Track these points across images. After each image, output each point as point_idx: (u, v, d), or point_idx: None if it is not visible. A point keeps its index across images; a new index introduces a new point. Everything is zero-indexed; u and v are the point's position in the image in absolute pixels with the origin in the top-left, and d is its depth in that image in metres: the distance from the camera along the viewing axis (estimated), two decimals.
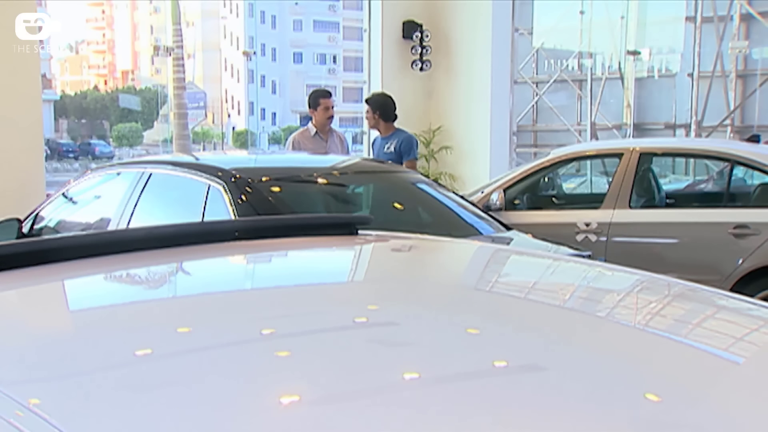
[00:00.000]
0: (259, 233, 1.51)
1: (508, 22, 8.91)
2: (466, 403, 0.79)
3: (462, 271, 1.51)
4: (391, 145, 5.89)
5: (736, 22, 14.55)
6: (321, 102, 5.92)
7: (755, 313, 1.22)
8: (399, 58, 8.86)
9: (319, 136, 5.90)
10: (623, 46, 15.74)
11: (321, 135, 5.92)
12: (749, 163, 5.31)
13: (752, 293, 4.86)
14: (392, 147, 5.87)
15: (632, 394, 0.84)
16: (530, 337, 1.04)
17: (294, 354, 0.93)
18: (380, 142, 6.01)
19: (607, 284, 1.46)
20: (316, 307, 1.13)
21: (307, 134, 5.96)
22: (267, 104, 56.57)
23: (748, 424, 0.79)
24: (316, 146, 5.82)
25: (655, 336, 1.11)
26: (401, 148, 5.87)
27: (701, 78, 13.80)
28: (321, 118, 5.89)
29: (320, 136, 5.91)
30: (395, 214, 4.61)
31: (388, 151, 5.85)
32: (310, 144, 5.84)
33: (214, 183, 3.78)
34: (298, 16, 58.97)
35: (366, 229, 1.57)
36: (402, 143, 5.90)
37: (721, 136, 13.33)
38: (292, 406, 0.80)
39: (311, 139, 5.89)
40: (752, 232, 4.88)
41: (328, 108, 5.93)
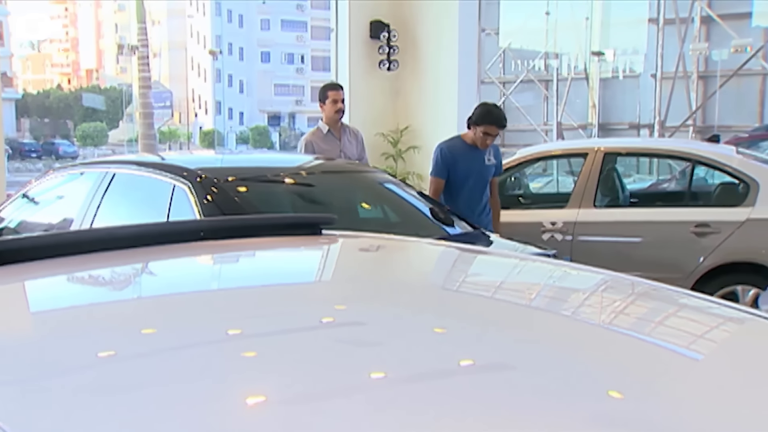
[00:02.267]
0: (223, 233, 1.50)
1: (475, 22, 8.97)
2: (433, 402, 0.79)
3: (426, 270, 1.51)
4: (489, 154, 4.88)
5: (697, 25, 14.83)
6: (329, 95, 5.46)
7: (715, 311, 1.25)
8: (366, 57, 8.85)
9: (332, 135, 5.45)
10: (588, 47, 15.94)
11: (333, 133, 5.47)
12: (710, 163, 5.41)
13: (713, 290, 4.96)
14: (492, 157, 4.91)
15: (596, 391, 0.85)
16: (496, 336, 1.05)
17: (260, 355, 0.92)
18: (474, 154, 4.84)
19: (571, 283, 1.48)
20: (281, 307, 1.13)
21: (319, 134, 5.47)
22: (234, 104, 56.18)
23: (707, 419, 0.81)
24: (330, 146, 5.37)
25: (619, 334, 1.12)
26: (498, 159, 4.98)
27: (664, 79, 14.04)
28: (329, 113, 5.43)
29: (333, 134, 5.46)
30: (363, 214, 4.61)
31: (489, 163, 4.87)
32: (324, 144, 5.37)
33: (179, 183, 3.75)
34: (265, 16, 58.67)
35: (330, 229, 1.57)
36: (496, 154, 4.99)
37: (683, 136, 13.57)
38: (260, 407, 0.80)
39: (324, 138, 5.42)
40: (713, 231, 4.98)
41: (336, 101, 5.43)
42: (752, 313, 1.22)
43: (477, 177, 4.81)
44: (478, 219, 4.71)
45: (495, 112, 4.77)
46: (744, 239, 4.88)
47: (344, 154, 5.39)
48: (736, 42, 12.57)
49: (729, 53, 13.78)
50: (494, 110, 4.80)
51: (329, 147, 5.34)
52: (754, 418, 0.81)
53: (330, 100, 5.42)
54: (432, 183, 4.88)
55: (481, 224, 4.70)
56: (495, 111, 4.80)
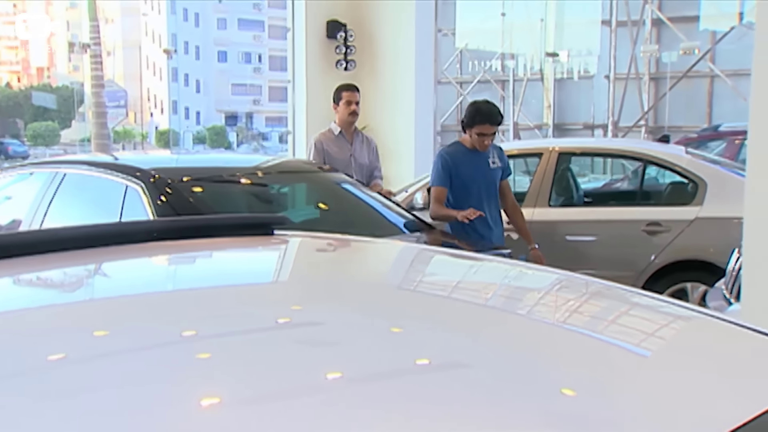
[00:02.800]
0: (174, 234, 1.48)
1: (431, 22, 9.01)
2: (389, 401, 0.80)
3: (378, 270, 1.51)
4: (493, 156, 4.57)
5: (648, 27, 15.13)
6: (343, 95, 5.18)
7: (663, 309, 1.27)
8: (323, 57, 8.83)
9: (344, 137, 5.18)
10: (543, 48, 16.14)
11: (345, 135, 5.19)
12: (660, 163, 5.52)
13: (664, 287, 5.07)
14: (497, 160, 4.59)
15: (550, 389, 0.86)
16: (450, 335, 1.05)
17: (215, 356, 0.91)
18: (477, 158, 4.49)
19: (525, 283, 1.49)
20: (233, 308, 1.12)
21: (330, 135, 5.21)
22: (191, 103, 55.51)
23: (656, 414, 0.82)
24: (340, 148, 5.15)
25: (572, 332, 1.14)
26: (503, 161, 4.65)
27: (617, 80, 14.28)
28: (343, 115, 5.15)
29: (344, 136, 5.19)
30: (319, 214, 4.60)
31: (494, 167, 4.56)
32: (334, 146, 5.15)
33: (131, 183, 3.70)
34: (222, 14, 58.07)
35: (282, 229, 1.56)
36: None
37: (636, 136, 13.82)
38: (214, 409, 0.79)
39: (335, 140, 5.18)
40: (664, 229, 5.08)
41: (351, 102, 5.14)
42: (698, 311, 1.25)
43: (483, 183, 4.47)
44: (489, 231, 4.44)
45: (485, 108, 4.41)
46: (693, 237, 5.00)
47: (354, 160, 5.15)
48: (684, 45, 12.86)
49: (678, 55, 14.09)
50: (484, 107, 4.44)
51: (339, 150, 5.13)
52: (698, 413, 0.83)
53: (344, 102, 5.15)
54: (433, 193, 4.49)
55: (492, 237, 4.42)
56: (485, 108, 4.42)
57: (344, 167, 5.00)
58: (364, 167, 5.21)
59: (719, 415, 0.81)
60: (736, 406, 0.83)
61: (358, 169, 5.15)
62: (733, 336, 1.12)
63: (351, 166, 5.11)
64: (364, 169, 5.22)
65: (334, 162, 5.02)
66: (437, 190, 4.45)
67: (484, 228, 4.40)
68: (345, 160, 5.10)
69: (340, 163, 5.03)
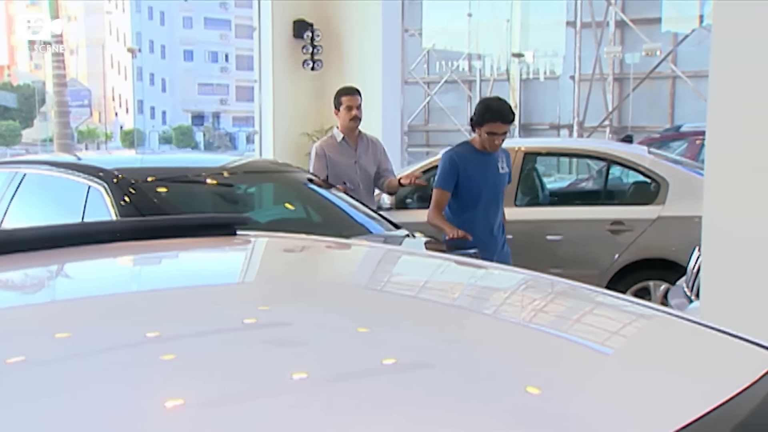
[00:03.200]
0: (134, 234, 1.47)
1: (398, 22, 9.03)
2: (354, 401, 0.80)
3: (343, 270, 1.51)
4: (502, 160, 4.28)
5: (612, 28, 15.33)
6: (343, 100, 4.90)
7: (626, 308, 1.29)
8: (290, 57, 8.80)
9: (347, 143, 4.91)
10: (509, 49, 16.25)
11: (349, 142, 4.91)
12: (623, 163, 5.60)
13: (628, 286, 5.14)
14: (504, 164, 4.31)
15: (515, 387, 0.87)
16: (416, 335, 1.06)
17: (178, 357, 0.91)
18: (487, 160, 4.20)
19: (491, 283, 1.50)
20: (191, 309, 1.11)
21: (332, 142, 4.94)
22: (157, 103, 54.92)
23: (618, 410, 0.84)
24: (344, 157, 4.88)
25: (536, 331, 1.15)
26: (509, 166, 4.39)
27: (582, 81, 14.43)
28: (344, 121, 4.88)
29: (348, 142, 4.91)
30: (285, 214, 4.58)
31: (503, 172, 4.28)
32: (337, 153, 4.87)
33: (94, 184, 3.65)
34: (187, 13, 57.53)
35: (245, 230, 1.55)
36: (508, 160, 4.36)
37: (601, 136, 13.98)
38: (178, 410, 0.78)
39: (337, 147, 4.90)
40: (627, 228, 5.15)
41: (351, 108, 4.85)
42: (659, 309, 1.27)
43: (491, 189, 4.16)
44: (492, 239, 4.16)
45: (495, 105, 4.09)
46: (655, 236, 5.08)
47: (359, 166, 4.90)
48: (647, 46, 13.05)
49: (641, 56, 14.31)
50: (494, 104, 4.12)
51: (343, 158, 4.87)
52: (652, 410, 0.85)
53: (344, 107, 4.87)
54: (434, 195, 4.21)
55: (495, 246, 4.16)
56: (495, 105, 4.11)
57: (349, 175, 4.82)
58: (370, 173, 4.95)
59: (673, 411, 0.83)
60: (690, 403, 0.85)
61: (363, 176, 4.91)
62: (690, 334, 1.15)
63: (356, 173, 4.87)
64: (371, 175, 4.96)
65: (338, 169, 4.81)
66: (439, 194, 4.18)
67: (487, 236, 4.13)
68: (349, 168, 4.87)
69: (344, 170, 4.83)
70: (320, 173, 4.80)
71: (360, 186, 4.82)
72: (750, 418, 0.85)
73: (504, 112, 4.04)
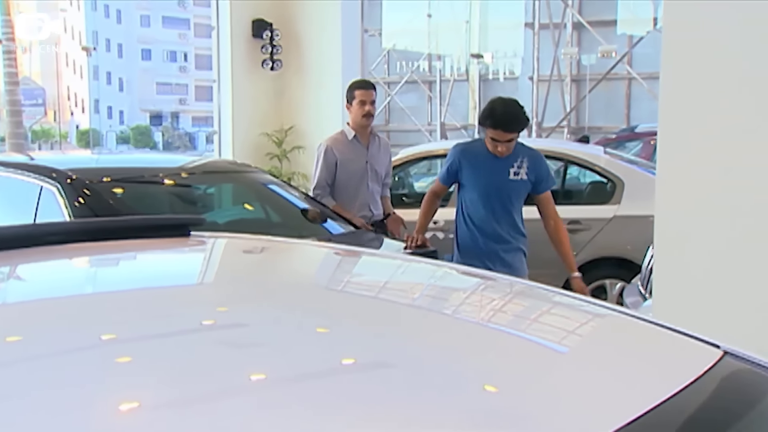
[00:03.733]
0: (86, 236, 1.44)
1: (357, 22, 9.03)
2: (313, 402, 0.79)
3: (299, 271, 1.50)
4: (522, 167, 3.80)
5: (569, 30, 15.55)
6: (356, 94, 4.48)
7: (582, 308, 1.31)
8: (249, 57, 8.74)
9: (358, 141, 4.51)
10: (468, 49, 16.36)
11: (360, 139, 4.51)
12: (580, 163, 5.68)
13: (585, 284, 5.21)
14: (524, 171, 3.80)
15: (473, 386, 0.88)
16: (374, 335, 1.06)
17: (135, 360, 0.89)
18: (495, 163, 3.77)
19: (450, 283, 1.51)
20: (141, 311, 1.09)
21: (342, 139, 4.54)
22: (114, 102, 54.10)
23: (574, 408, 0.85)
24: (354, 155, 4.50)
25: (494, 331, 1.16)
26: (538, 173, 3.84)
27: (541, 81, 14.60)
28: (356, 116, 4.48)
29: (359, 140, 4.51)
30: (244, 215, 4.55)
31: (515, 178, 3.79)
32: (348, 152, 4.49)
33: (47, 184, 3.58)
34: (145, 12, 56.74)
35: (199, 230, 1.54)
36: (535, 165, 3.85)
37: (559, 136, 14.17)
38: (135, 413, 0.77)
39: (347, 144, 4.50)
40: (584, 228, 5.23)
41: (365, 103, 4.44)
42: (609, 307, 1.29)
43: (495, 194, 3.77)
44: (495, 247, 3.80)
45: (500, 111, 3.66)
46: (611, 235, 5.16)
47: (370, 166, 4.52)
48: (602, 48, 13.28)
49: (597, 58, 14.55)
50: (499, 109, 3.68)
51: (353, 155, 4.50)
52: (604, 406, 0.86)
53: (357, 101, 4.46)
54: (434, 183, 4.09)
55: (495, 262, 3.74)
56: (500, 110, 3.67)
57: (359, 176, 4.48)
58: (380, 175, 4.61)
59: (617, 408, 0.84)
60: (634, 399, 0.87)
61: (374, 177, 4.56)
62: (639, 332, 1.17)
63: (367, 174, 4.48)
64: (381, 178, 4.63)
65: (348, 170, 4.47)
66: (435, 184, 4.04)
67: (490, 243, 3.80)
68: (360, 168, 4.49)
69: (354, 171, 4.48)
70: (326, 176, 4.47)
71: (368, 189, 4.46)
72: (695, 413, 0.87)
73: (507, 121, 3.62)
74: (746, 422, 0.91)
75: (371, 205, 4.52)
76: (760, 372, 1.03)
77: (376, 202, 4.61)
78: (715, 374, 0.96)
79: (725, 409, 0.93)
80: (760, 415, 0.95)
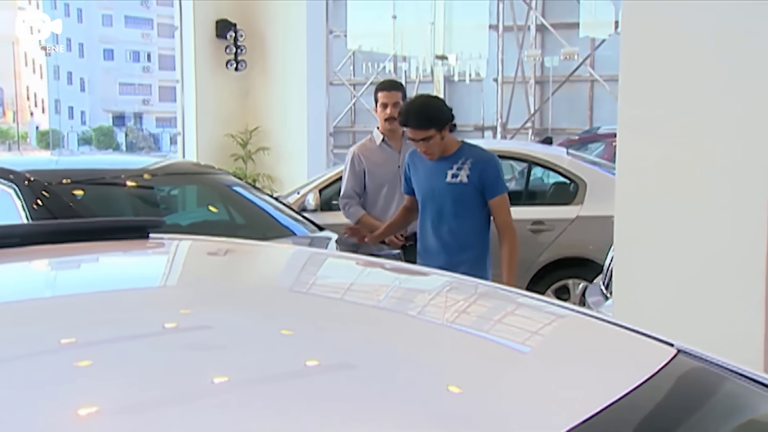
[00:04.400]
0: (42, 238, 1.42)
1: (322, 23, 9.01)
2: (276, 403, 0.79)
3: (256, 272, 1.50)
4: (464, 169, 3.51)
5: (533, 32, 15.70)
6: (378, 97, 4.08)
7: (542, 309, 1.33)
8: (213, 57, 8.68)
9: (387, 146, 4.07)
10: (433, 51, 16.42)
11: (390, 143, 4.07)
12: (543, 164, 5.74)
13: (548, 284, 5.27)
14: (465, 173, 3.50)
15: (436, 386, 0.88)
16: (333, 337, 1.06)
17: (95, 364, 0.88)
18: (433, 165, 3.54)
19: (413, 285, 1.52)
20: (97, 314, 1.08)
21: (371, 145, 4.13)
22: (75, 102, 53.26)
23: (528, 408, 0.86)
24: (385, 160, 4.06)
25: (457, 332, 1.17)
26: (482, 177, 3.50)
27: (505, 83, 14.71)
28: (381, 120, 4.07)
29: (389, 144, 4.07)
30: (208, 217, 4.51)
31: (453, 181, 3.50)
32: (377, 157, 4.07)
33: (3, 186, 3.51)
34: (107, 11, 55.93)
35: (159, 233, 1.52)
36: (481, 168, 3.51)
37: (524, 137, 14.28)
38: (95, 418, 0.76)
39: (376, 150, 4.09)
40: (547, 228, 5.28)
41: (386, 105, 4.00)
42: (568, 308, 1.31)
43: (433, 199, 3.52)
44: (437, 258, 3.45)
45: (406, 108, 3.51)
46: (574, 236, 5.22)
47: (402, 171, 3.91)
48: (565, 50, 13.43)
49: (560, 60, 14.72)
50: (410, 106, 3.52)
51: (383, 161, 4.06)
52: (565, 405, 0.87)
53: (380, 105, 4.06)
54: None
55: (441, 266, 3.24)
56: (410, 108, 3.49)
57: (391, 183, 4.03)
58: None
59: (571, 407, 0.86)
60: (589, 397, 0.88)
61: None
62: (597, 332, 1.19)
63: (399, 180, 3.88)
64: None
65: (376, 178, 4.05)
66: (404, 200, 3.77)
67: (431, 248, 3.54)
68: (391, 174, 4.03)
69: (384, 177, 4.05)
70: (353, 184, 4.09)
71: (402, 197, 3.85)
72: (647, 411, 0.89)
73: (409, 117, 3.41)
74: (697, 419, 0.93)
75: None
76: (712, 370, 1.05)
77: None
78: (668, 373, 0.98)
79: (677, 406, 0.94)
80: (711, 411, 0.97)
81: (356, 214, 4.09)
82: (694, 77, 2.36)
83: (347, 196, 4.12)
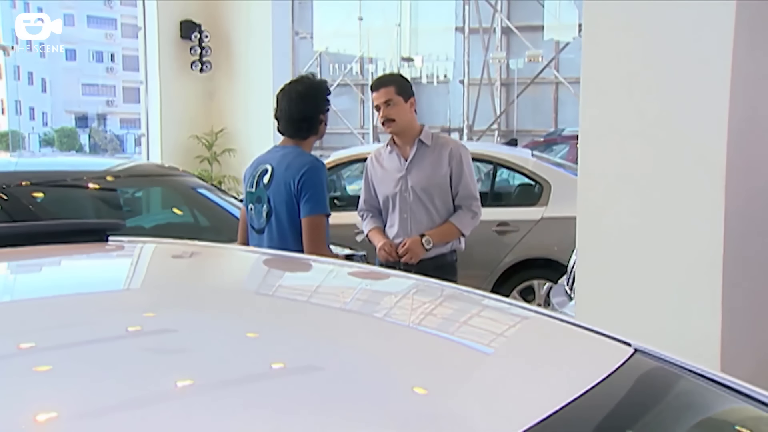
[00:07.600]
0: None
1: (288, 24, 9.00)
2: (240, 407, 0.79)
3: (216, 275, 1.49)
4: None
5: (498, 35, 15.82)
6: (372, 97, 3.58)
7: (502, 310, 1.34)
8: (177, 58, 8.60)
9: (396, 152, 3.55)
10: (399, 53, 16.45)
11: (399, 149, 3.54)
12: (508, 165, 5.79)
13: (514, 285, 5.31)
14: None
15: (402, 388, 0.89)
16: (302, 340, 1.05)
17: (55, 368, 0.86)
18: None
19: (379, 287, 1.52)
20: (50, 319, 1.06)
21: (382, 153, 3.62)
22: (36, 103, 52.35)
23: (485, 408, 0.86)
24: (389, 167, 3.56)
25: (423, 334, 1.17)
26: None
27: (471, 85, 14.80)
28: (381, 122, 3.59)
29: (397, 150, 3.54)
30: (172, 219, 4.47)
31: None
32: (381, 165, 3.59)
33: None
34: (68, 10, 54.99)
35: (118, 235, 1.50)
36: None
37: (490, 139, 14.39)
38: (55, 422, 0.75)
39: (386, 157, 3.59)
40: (512, 229, 5.32)
41: (378, 108, 3.49)
42: (530, 309, 1.32)
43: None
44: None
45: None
46: (539, 237, 5.27)
47: (407, 183, 3.48)
48: (529, 53, 13.57)
49: (525, 62, 14.86)
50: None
51: (387, 169, 3.57)
52: (522, 405, 0.88)
53: (375, 106, 3.57)
54: None
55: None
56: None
57: (392, 195, 3.52)
58: (429, 193, 3.49)
59: (528, 407, 0.86)
60: (546, 397, 0.89)
61: (414, 197, 3.49)
62: (556, 332, 1.20)
63: (399, 191, 3.49)
64: (431, 196, 3.49)
65: (381, 187, 3.58)
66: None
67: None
68: (391, 184, 3.52)
69: (386, 188, 3.55)
70: (366, 195, 3.67)
71: (402, 210, 3.49)
72: (604, 410, 0.90)
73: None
74: (654, 417, 0.95)
75: (414, 230, 3.48)
76: (669, 369, 1.07)
77: (421, 226, 3.51)
78: (625, 372, 1.00)
79: (634, 404, 0.96)
80: (667, 410, 0.98)
81: (366, 228, 3.67)
82: (653, 80, 2.40)
83: (360, 209, 3.73)
